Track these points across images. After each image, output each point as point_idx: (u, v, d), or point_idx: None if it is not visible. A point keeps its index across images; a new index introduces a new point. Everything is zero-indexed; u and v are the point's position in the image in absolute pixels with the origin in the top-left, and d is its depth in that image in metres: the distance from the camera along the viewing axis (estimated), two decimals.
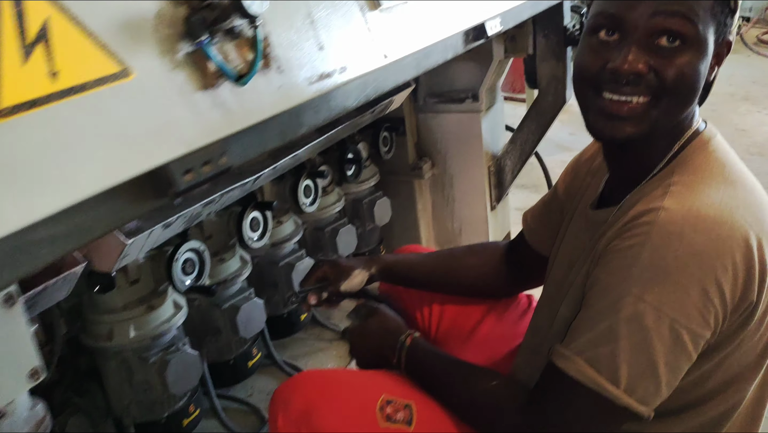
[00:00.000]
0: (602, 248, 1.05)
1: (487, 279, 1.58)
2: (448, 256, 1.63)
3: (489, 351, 1.51)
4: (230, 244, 1.94)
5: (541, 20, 2.40)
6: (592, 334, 1.02)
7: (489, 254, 1.60)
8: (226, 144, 0.80)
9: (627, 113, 1.03)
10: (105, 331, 1.66)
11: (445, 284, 1.59)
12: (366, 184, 2.48)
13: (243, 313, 1.89)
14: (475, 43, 1.75)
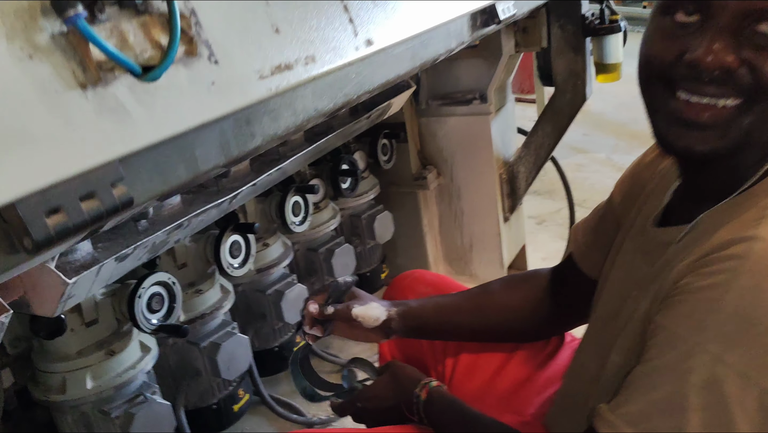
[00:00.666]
0: (670, 284, 0.79)
1: (524, 319, 1.30)
2: (480, 294, 1.35)
3: (515, 402, 1.26)
4: (208, 272, 1.69)
5: (556, 9, 2.15)
6: (650, 399, 0.76)
7: (530, 286, 1.32)
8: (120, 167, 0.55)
9: (709, 120, 0.76)
10: (57, 382, 1.41)
11: (476, 329, 1.32)
12: (364, 197, 2.22)
13: (225, 351, 1.63)
14: (483, 30, 1.50)
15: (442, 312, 1.32)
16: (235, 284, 1.80)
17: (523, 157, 2.38)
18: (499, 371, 1.33)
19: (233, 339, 1.66)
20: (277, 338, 1.95)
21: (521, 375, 1.33)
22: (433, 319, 1.31)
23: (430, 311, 1.32)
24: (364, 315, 1.27)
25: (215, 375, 1.65)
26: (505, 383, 1.32)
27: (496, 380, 1.32)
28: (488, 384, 1.31)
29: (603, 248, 1.13)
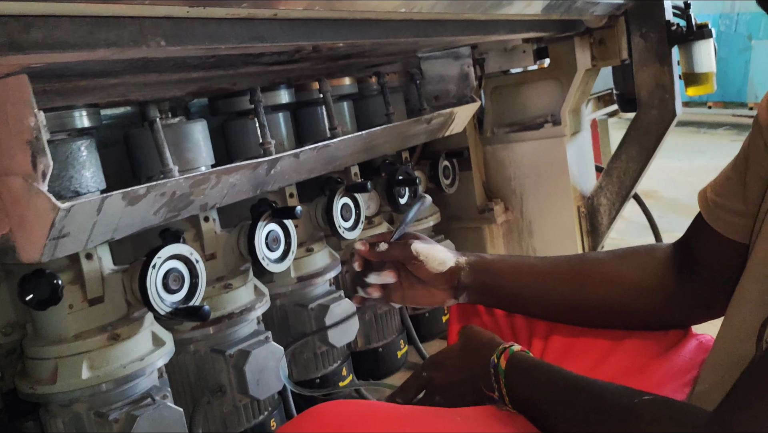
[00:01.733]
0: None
1: (641, 296, 0.99)
2: (580, 260, 1.07)
3: None
4: (241, 269, 1.44)
5: (636, 16, 1.95)
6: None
7: (648, 258, 1.01)
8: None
9: None
10: (48, 370, 1.15)
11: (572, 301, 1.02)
12: (423, 223, 1.97)
13: (255, 361, 1.35)
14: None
15: (526, 272, 1.03)
16: (272, 296, 1.53)
17: (605, 187, 2.10)
18: (603, 360, 1.02)
19: (265, 348, 1.38)
20: (319, 366, 1.64)
21: (633, 365, 1.01)
22: (512, 278, 1.02)
23: (508, 268, 1.03)
24: (427, 254, 0.99)
25: (242, 392, 1.36)
26: (611, 373, 1.00)
27: (598, 370, 1.00)
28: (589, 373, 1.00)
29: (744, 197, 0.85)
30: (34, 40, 0.72)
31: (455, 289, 1.03)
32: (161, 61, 1.08)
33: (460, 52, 1.96)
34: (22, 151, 0.92)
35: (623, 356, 1.03)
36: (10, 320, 1.26)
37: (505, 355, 0.86)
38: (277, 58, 1.38)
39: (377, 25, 1.20)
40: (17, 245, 0.98)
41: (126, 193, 1.02)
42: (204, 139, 1.36)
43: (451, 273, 1.01)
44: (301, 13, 0.91)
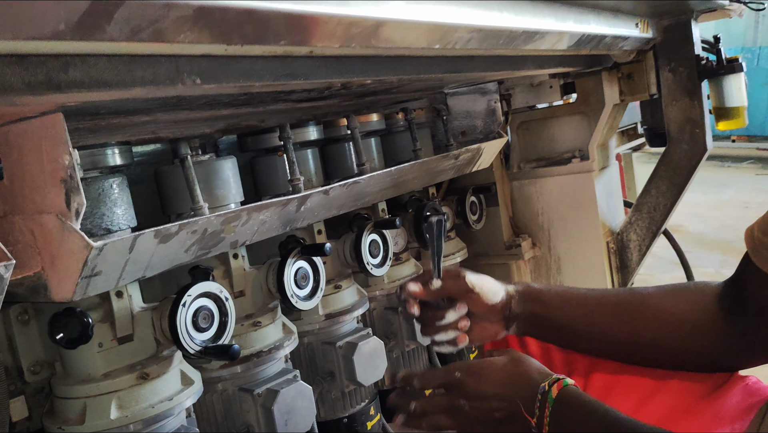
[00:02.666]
0: None
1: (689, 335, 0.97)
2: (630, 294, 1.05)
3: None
4: (269, 306, 1.42)
5: (665, 50, 1.94)
6: None
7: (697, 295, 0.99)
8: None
9: None
10: (76, 410, 1.14)
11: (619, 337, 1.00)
12: (450, 259, 1.95)
13: (283, 401, 1.32)
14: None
15: (575, 303, 1.01)
16: (300, 333, 1.51)
17: (634, 222, 2.07)
18: (647, 399, 0.99)
19: (294, 387, 1.35)
20: (347, 406, 1.61)
21: (678, 407, 0.97)
22: (561, 309, 1.00)
23: (557, 298, 1.01)
24: (482, 285, 0.98)
25: (270, 432, 1.34)
26: (656, 414, 0.96)
27: (643, 411, 0.97)
28: (634, 414, 0.96)
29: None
30: (72, 79, 0.72)
31: (507, 319, 1.01)
32: (194, 99, 1.08)
33: (487, 87, 1.96)
34: (55, 189, 0.92)
35: (668, 396, 0.99)
36: (39, 359, 1.25)
37: (558, 385, 0.84)
38: (307, 95, 1.38)
39: (409, 61, 1.21)
40: (49, 284, 0.97)
41: (158, 231, 1.02)
42: (234, 176, 1.36)
43: (503, 303, 1.00)
44: (337, 51, 0.91)
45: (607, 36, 1.52)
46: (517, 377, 0.87)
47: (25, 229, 0.96)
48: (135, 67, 0.77)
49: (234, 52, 0.74)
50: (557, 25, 1.24)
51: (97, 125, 1.22)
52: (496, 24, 1.05)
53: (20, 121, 0.93)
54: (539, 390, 0.83)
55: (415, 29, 0.87)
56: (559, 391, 0.81)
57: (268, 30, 0.67)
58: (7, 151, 0.96)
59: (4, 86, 0.67)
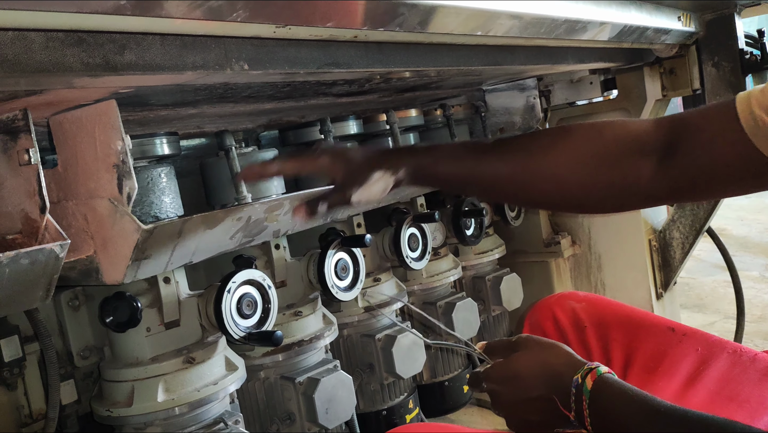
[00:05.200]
0: None
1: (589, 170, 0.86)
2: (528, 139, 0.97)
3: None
4: (310, 297, 1.44)
5: (708, 45, 1.91)
6: None
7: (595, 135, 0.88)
8: None
9: None
10: (124, 393, 1.17)
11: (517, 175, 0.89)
12: (488, 255, 1.95)
13: (324, 389, 1.34)
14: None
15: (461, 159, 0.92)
16: (340, 326, 1.53)
17: (677, 220, 2.04)
18: (689, 386, 0.98)
19: (334, 376, 1.37)
20: (386, 398, 1.63)
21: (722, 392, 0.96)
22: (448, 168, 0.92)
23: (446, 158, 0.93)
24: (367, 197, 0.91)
25: (311, 420, 1.35)
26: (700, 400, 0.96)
27: (684, 396, 0.96)
28: (674, 400, 0.95)
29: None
30: (127, 61, 0.74)
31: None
32: (240, 89, 1.11)
33: (526, 83, 1.96)
34: (108, 174, 0.95)
35: (710, 383, 0.98)
36: (88, 344, 1.28)
37: (592, 375, 0.82)
38: (348, 89, 1.40)
39: (448, 52, 1.21)
40: (101, 267, 1.00)
41: (205, 216, 1.05)
42: None
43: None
44: (380, 35, 0.92)
45: (648, 28, 1.51)
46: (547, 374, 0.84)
47: (78, 213, 0.99)
48: (186, 52, 0.80)
49: (282, 34, 0.76)
50: (599, 14, 1.23)
51: (145, 117, 1.25)
52: (538, 12, 1.05)
53: (75, 109, 0.96)
54: (573, 383, 0.81)
55: (457, 15, 0.88)
56: (594, 381, 0.80)
57: (317, 10, 0.69)
58: (62, 139, 1.00)
59: (64, 67, 0.70)
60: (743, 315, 2.22)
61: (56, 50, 0.68)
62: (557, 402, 0.82)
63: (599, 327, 1.18)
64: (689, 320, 3.28)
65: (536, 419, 0.86)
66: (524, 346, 0.90)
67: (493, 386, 0.89)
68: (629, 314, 1.19)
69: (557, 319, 1.22)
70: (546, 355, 0.87)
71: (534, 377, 0.85)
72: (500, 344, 0.94)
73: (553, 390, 0.83)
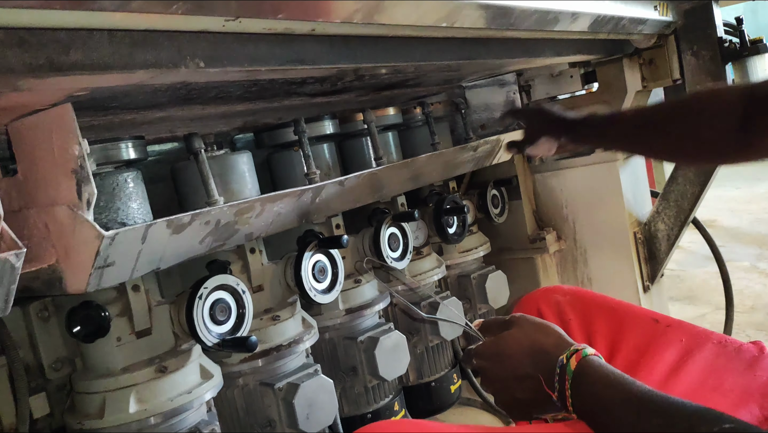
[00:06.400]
0: None
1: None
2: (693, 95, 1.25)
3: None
4: (289, 301, 1.41)
5: (687, 34, 1.90)
6: None
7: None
8: None
9: None
10: (95, 404, 1.14)
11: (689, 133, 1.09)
12: (473, 253, 1.92)
13: (304, 394, 1.31)
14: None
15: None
16: (321, 329, 1.50)
17: (662, 211, 2.03)
18: (672, 375, 0.96)
19: (315, 380, 1.34)
20: (370, 401, 1.60)
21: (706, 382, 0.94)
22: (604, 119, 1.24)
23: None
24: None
25: (291, 426, 1.33)
26: (683, 389, 0.94)
27: (667, 385, 0.94)
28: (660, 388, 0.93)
29: None
30: (73, 61, 0.72)
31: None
32: (203, 90, 1.08)
33: (506, 79, 1.94)
34: (67, 180, 0.92)
35: (693, 372, 0.96)
36: (60, 356, 1.25)
37: (577, 356, 0.81)
38: (320, 88, 1.38)
39: (419, 46, 1.19)
40: (64, 276, 0.97)
41: (170, 221, 1.02)
42: (249, 170, 1.36)
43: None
44: (340, 29, 0.90)
45: (624, 18, 1.49)
46: (535, 353, 0.84)
47: (39, 221, 0.96)
48: (136, 50, 0.77)
49: (233, 28, 0.74)
50: (571, 5, 1.21)
51: (111, 122, 1.22)
52: (505, 2, 1.03)
53: (31, 115, 0.93)
54: (558, 363, 0.80)
55: (420, 5, 0.86)
56: (578, 362, 0.79)
57: (263, 2, 0.67)
58: (20, 145, 0.97)
59: (5, 68, 0.67)
60: (732, 306, 2.21)
61: None
62: (542, 381, 0.82)
63: (583, 320, 1.17)
64: (680, 312, 3.26)
65: (522, 397, 0.86)
66: (517, 324, 0.90)
67: (482, 362, 0.90)
68: (613, 306, 1.18)
69: (542, 313, 1.20)
70: (536, 334, 0.86)
71: (522, 355, 0.85)
72: (495, 322, 0.95)
73: (539, 369, 0.83)
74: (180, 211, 1.37)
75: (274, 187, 1.58)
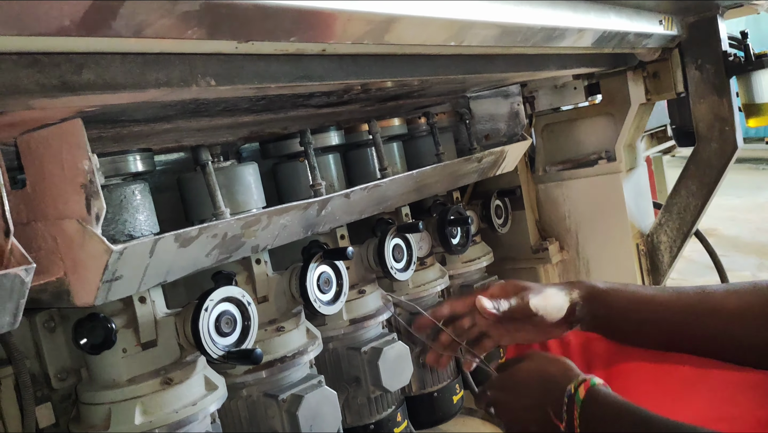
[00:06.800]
0: None
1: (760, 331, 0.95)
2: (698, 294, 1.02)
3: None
4: (293, 312, 1.42)
5: (691, 48, 1.90)
6: None
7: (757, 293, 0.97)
8: None
9: None
10: (101, 415, 1.14)
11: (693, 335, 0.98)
12: (476, 263, 1.93)
13: (307, 406, 1.32)
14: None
15: (643, 305, 0.99)
16: (325, 339, 1.51)
17: (664, 223, 2.03)
18: (681, 398, 0.96)
19: (319, 392, 1.35)
20: (373, 412, 1.60)
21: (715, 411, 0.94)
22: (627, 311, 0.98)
23: (624, 301, 0.99)
24: (545, 306, 0.97)
25: None
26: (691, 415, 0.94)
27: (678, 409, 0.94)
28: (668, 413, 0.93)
29: None
30: (85, 81, 0.72)
31: (571, 324, 1.01)
32: (212, 104, 1.09)
33: (510, 90, 1.94)
34: (76, 194, 0.93)
35: (704, 397, 0.96)
36: (65, 366, 1.26)
37: (585, 385, 0.82)
38: (326, 100, 1.38)
39: (426, 62, 1.20)
40: (71, 289, 0.98)
41: (178, 234, 1.02)
42: (255, 181, 1.36)
43: (567, 314, 0.99)
44: (350, 48, 0.90)
45: (629, 33, 1.50)
46: (544, 383, 0.86)
47: (48, 235, 0.97)
48: (148, 69, 0.78)
49: (245, 50, 0.74)
50: (576, 21, 1.22)
51: (119, 134, 1.23)
52: (513, 20, 1.04)
53: (41, 129, 0.94)
54: (566, 393, 0.81)
55: (428, 25, 0.87)
56: (586, 391, 0.80)
57: (277, 26, 0.67)
58: (30, 159, 0.97)
59: (19, 89, 0.68)
60: None
61: (9, 72, 0.66)
62: (550, 412, 0.83)
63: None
64: None
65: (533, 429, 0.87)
66: (530, 358, 0.92)
67: (495, 393, 0.94)
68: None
69: None
70: (546, 365, 0.89)
71: (531, 386, 0.89)
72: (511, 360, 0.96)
73: (547, 399, 0.85)
74: (185, 222, 1.39)
75: (279, 198, 1.58)
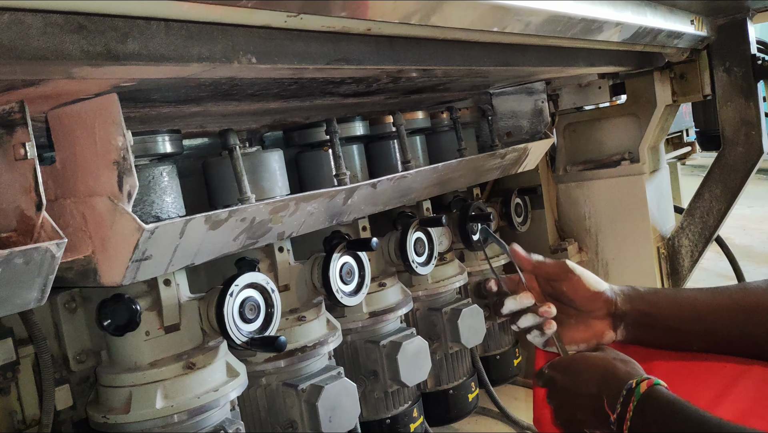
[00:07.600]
0: None
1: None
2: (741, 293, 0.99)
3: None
4: (314, 302, 1.40)
5: (720, 50, 1.88)
6: None
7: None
8: None
9: None
10: (122, 399, 1.13)
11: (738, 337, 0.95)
12: (494, 261, 1.91)
13: (327, 397, 1.30)
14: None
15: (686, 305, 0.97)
16: (343, 331, 1.49)
17: (686, 227, 2.01)
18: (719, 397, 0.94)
19: (338, 383, 1.33)
20: (389, 406, 1.58)
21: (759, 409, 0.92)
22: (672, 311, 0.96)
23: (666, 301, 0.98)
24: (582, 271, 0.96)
25: (314, 429, 1.31)
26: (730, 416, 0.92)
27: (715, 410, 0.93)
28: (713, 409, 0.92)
29: None
30: (130, 51, 0.71)
31: (613, 318, 0.98)
32: (246, 85, 1.07)
33: (534, 87, 1.93)
34: (108, 171, 0.91)
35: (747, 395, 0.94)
36: (85, 348, 1.25)
37: (648, 382, 0.81)
38: (355, 89, 1.37)
39: (460, 50, 1.18)
40: (99, 268, 0.96)
41: (209, 216, 1.01)
42: (280, 168, 1.35)
43: (608, 298, 0.97)
44: (393, 29, 0.89)
45: (662, 31, 1.48)
46: (607, 374, 0.85)
47: (76, 212, 0.95)
48: (192, 43, 0.76)
49: (293, 24, 0.73)
50: (615, 15, 1.20)
51: (146, 115, 1.21)
52: (556, 9, 1.02)
53: (74, 103, 0.92)
54: (626, 386, 0.80)
55: (477, 8, 0.85)
56: (647, 388, 0.79)
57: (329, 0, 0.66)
58: (61, 134, 0.96)
59: (63, 54, 0.66)
60: None
61: (55, 36, 0.65)
62: (605, 400, 0.82)
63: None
64: None
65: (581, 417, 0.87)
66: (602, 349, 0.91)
67: (554, 373, 0.92)
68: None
69: None
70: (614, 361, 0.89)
71: (592, 375, 0.87)
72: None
73: (604, 390, 0.84)
74: (209, 207, 1.37)
75: (301, 187, 1.57)
